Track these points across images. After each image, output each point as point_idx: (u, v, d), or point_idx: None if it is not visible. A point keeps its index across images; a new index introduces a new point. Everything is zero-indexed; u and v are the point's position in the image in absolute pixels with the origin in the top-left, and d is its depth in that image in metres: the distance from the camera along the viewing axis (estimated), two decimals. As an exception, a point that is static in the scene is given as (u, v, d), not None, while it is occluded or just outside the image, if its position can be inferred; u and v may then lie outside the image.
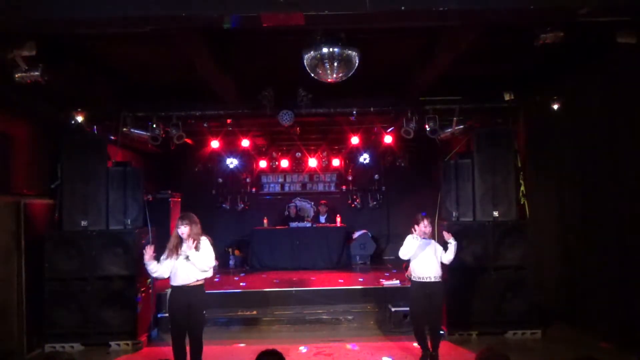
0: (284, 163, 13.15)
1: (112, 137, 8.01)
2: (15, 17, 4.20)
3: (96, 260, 7.01)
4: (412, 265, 6.03)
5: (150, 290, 7.54)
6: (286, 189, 13.65)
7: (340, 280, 9.62)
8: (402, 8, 4.07)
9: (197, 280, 5.44)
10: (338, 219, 12.33)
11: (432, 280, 5.92)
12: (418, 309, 6.01)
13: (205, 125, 9.53)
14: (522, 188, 7.62)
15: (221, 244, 12.65)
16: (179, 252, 5.41)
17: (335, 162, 13.15)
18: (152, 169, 11.09)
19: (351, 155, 12.82)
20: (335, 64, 5.21)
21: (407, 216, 11.29)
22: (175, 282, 5.43)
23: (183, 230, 5.40)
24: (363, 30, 5.42)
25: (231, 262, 12.30)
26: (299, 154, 13.18)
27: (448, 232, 6.08)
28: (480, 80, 7.61)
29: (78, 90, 7.22)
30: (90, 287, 6.95)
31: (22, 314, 6.68)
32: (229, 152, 12.05)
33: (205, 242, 5.50)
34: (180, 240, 5.44)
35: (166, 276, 5.50)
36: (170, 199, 10.70)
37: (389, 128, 9.83)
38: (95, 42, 6.00)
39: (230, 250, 12.45)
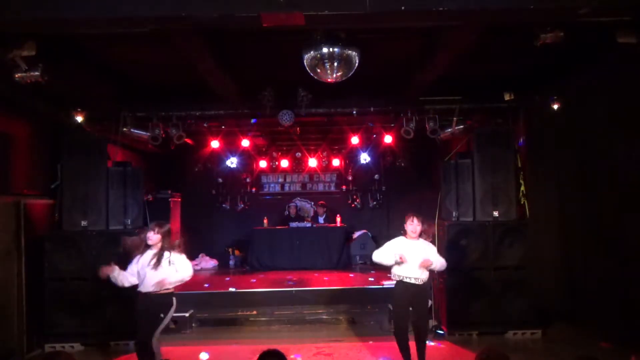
0: (284, 163, 13.14)
1: (112, 137, 8.01)
2: (15, 17, 4.19)
3: (96, 261, 6.98)
4: (395, 266, 5.64)
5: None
6: (286, 189, 13.65)
7: (340, 280, 9.62)
8: (402, 8, 4.07)
9: (166, 290, 5.35)
10: (338, 219, 12.33)
11: (417, 282, 5.54)
12: (402, 311, 5.60)
13: (205, 125, 9.53)
14: (522, 188, 7.62)
15: (221, 244, 12.69)
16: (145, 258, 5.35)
17: (335, 162, 13.14)
18: (152, 169, 11.09)
19: (351, 155, 12.81)
20: (335, 64, 5.21)
21: (407, 216, 11.39)
22: (143, 288, 5.34)
23: (152, 237, 5.35)
24: (363, 30, 5.42)
25: (231, 262, 12.31)
26: (299, 154, 13.17)
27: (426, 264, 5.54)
28: (480, 80, 7.61)
29: (78, 90, 7.23)
30: (90, 287, 6.95)
31: (22, 314, 6.68)
32: (229, 152, 12.05)
33: (178, 257, 5.40)
34: (148, 247, 5.39)
35: (132, 283, 5.41)
36: (170, 199, 10.71)
37: (389, 128, 9.83)
38: (95, 42, 6.00)
39: (230, 250, 12.46)
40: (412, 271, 5.54)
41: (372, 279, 9.50)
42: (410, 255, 5.53)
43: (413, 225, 5.60)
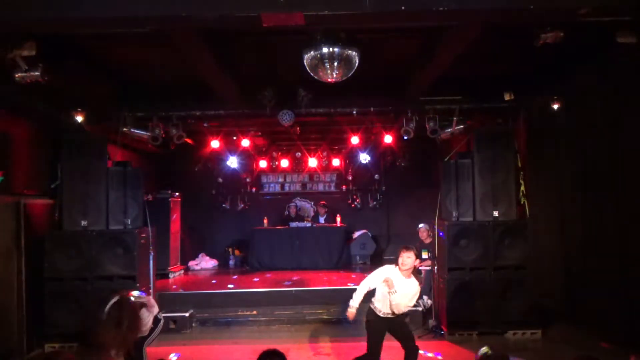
0: (284, 163, 13.15)
1: (112, 137, 8.01)
2: (15, 17, 4.20)
3: (96, 261, 7.01)
4: (377, 297, 5.10)
5: (151, 291, 7.54)
6: (286, 189, 13.66)
7: (340, 280, 9.62)
8: (402, 8, 4.07)
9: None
10: (338, 219, 12.33)
11: (400, 314, 5.13)
12: (378, 345, 5.09)
13: (205, 125, 9.53)
14: (522, 188, 7.62)
15: (221, 244, 12.70)
16: None
17: (335, 162, 13.15)
18: (152, 169, 11.10)
19: (351, 155, 12.81)
20: (335, 64, 5.20)
21: (407, 216, 11.41)
22: None
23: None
24: (363, 30, 5.42)
25: (231, 262, 12.32)
26: (299, 153, 13.17)
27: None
28: (480, 80, 7.61)
29: (78, 90, 7.22)
30: (91, 287, 6.95)
31: (22, 314, 6.68)
32: (229, 152, 12.05)
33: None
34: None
35: None
36: (170, 199, 10.73)
37: (389, 128, 9.83)
38: (95, 42, 6.00)
39: (230, 250, 12.47)
40: (396, 308, 5.02)
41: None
42: (398, 294, 4.96)
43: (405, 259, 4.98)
